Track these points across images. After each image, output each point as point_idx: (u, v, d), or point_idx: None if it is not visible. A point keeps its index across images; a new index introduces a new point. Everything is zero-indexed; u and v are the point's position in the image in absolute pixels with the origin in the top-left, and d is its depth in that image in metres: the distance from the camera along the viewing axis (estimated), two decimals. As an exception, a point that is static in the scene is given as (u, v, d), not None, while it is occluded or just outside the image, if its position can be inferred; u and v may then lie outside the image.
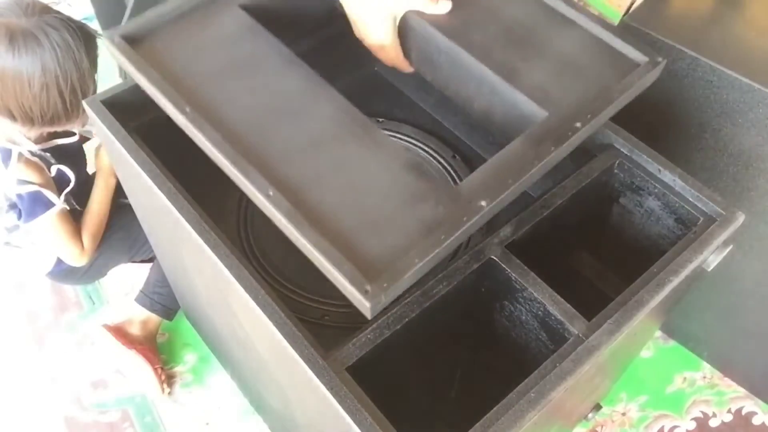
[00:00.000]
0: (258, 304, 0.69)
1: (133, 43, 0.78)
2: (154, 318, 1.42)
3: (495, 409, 0.63)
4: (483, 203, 0.64)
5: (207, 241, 0.74)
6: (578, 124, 0.70)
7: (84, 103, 0.88)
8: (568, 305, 0.72)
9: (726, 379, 1.42)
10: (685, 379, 1.42)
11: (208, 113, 0.71)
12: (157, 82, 0.72)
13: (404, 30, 0.84)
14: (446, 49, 0.80)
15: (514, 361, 0.87)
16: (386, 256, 0.61)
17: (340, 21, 0.86)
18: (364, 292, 0.57)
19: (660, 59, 0.77)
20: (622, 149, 0.86)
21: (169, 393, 1.40)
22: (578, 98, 0.74)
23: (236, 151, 0.67)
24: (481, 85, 0.78)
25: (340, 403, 0.62)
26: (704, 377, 1.42)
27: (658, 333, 1.47)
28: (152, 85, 0.72)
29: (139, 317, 1.41)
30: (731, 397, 1.40)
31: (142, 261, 1.50)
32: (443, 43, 0.79)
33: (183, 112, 0.70)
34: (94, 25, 2.09)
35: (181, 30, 0.80)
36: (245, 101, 0.73)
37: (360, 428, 0.61)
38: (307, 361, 0.65)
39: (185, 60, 0.77)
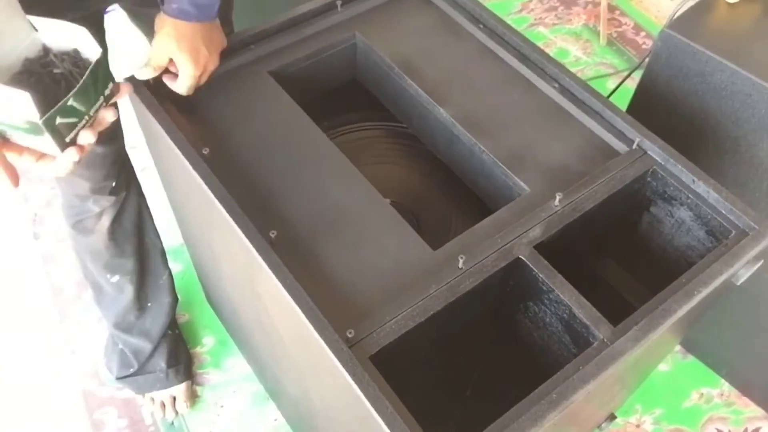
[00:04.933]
0: (286, 288, 0.70)
1: (170, 96, 0.89)
2: None
3: (514, 408, 0.63)
4: (461, 265, 0.74)
5: (239, 225, 0.75)
6: (557, 203, 0.80)
7: (124, 80, 0.89)
8: (594, 309, 0.72)
9: (744, 398, 1.40)
10: (702, 395, 1.40)
11: (226, 156, 0.85)
12: (183, 128, 0.85)
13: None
14: (456, 131, 0.92)
15: (532, 362, 0.87)
16: (372, 305, 0.71)
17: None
18: (346, 340, 0.67)
19: (638, 147, 0.86)
20: (656, 157, 0.85)
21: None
22: (560, 179, 0.84)
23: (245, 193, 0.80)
24: (472, 157, 0.91)
25: (363, 391, 0.63)
26: (722, 395, 1.41)
27: (678, 347, 1.45)
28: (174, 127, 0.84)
29: None
30: (748, 416, 1.38)
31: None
32: (455, 128, 0.92)
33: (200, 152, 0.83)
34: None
35: (215, 88, 0.92)
36: (261, 155, 0.86)
37: (381, 417, 0.61)
38: (332, 347, 0.66)
39: (215, 115, 0.90)
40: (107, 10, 0.98)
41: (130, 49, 1.30)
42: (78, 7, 0.90)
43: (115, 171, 1.10)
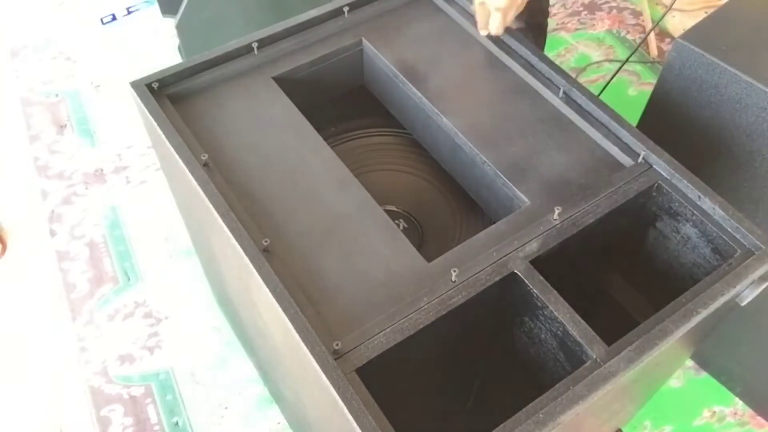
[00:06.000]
0: (275, 297, 0.69)
1: (173, 100, 0.90)
2: None
3: (500, 427, 0.62)
4: (454, 278, 0.73)
5: (233, 232, 0.75)
6: (556, 217, 0.78)
7: (129, 85, 0.90)
8: (589, 328, 0.70)
9: (758, 418, 1.36)
10: (714, 413, 1.37)
11: (225, 163, 0.85)
12: (184, 133, 0.85)
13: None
14: (459, 141, 0.90)
15: (531, 378, 0.85)
16: (362, 316, 0.70)
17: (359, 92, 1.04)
18: (333, 352, 0.66)
19: (643, 161, 0.84)
20: (662, 172, 0.83)
21: None
22: (561, 192, 0.83)
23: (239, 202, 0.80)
24: (474, 167, 0.90)
25: (345, 404, 0.62)
26: (735, 413, 1.37)
27: (691, 363, 1.42)
28: (177, 134, 0.84)
29: None
30: (762, 437, 1.34)
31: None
32: (457, 137, 0.90)
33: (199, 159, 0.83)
34: (155, 8, 2.15)
35: (218, 93, 0.93)
36: (260, 161, 0.85)
37: (362, 431, 0.60)
38: (318, 359, 0.65)
39: (216, 120, 0.90)
40: None
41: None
42: None
43: None
